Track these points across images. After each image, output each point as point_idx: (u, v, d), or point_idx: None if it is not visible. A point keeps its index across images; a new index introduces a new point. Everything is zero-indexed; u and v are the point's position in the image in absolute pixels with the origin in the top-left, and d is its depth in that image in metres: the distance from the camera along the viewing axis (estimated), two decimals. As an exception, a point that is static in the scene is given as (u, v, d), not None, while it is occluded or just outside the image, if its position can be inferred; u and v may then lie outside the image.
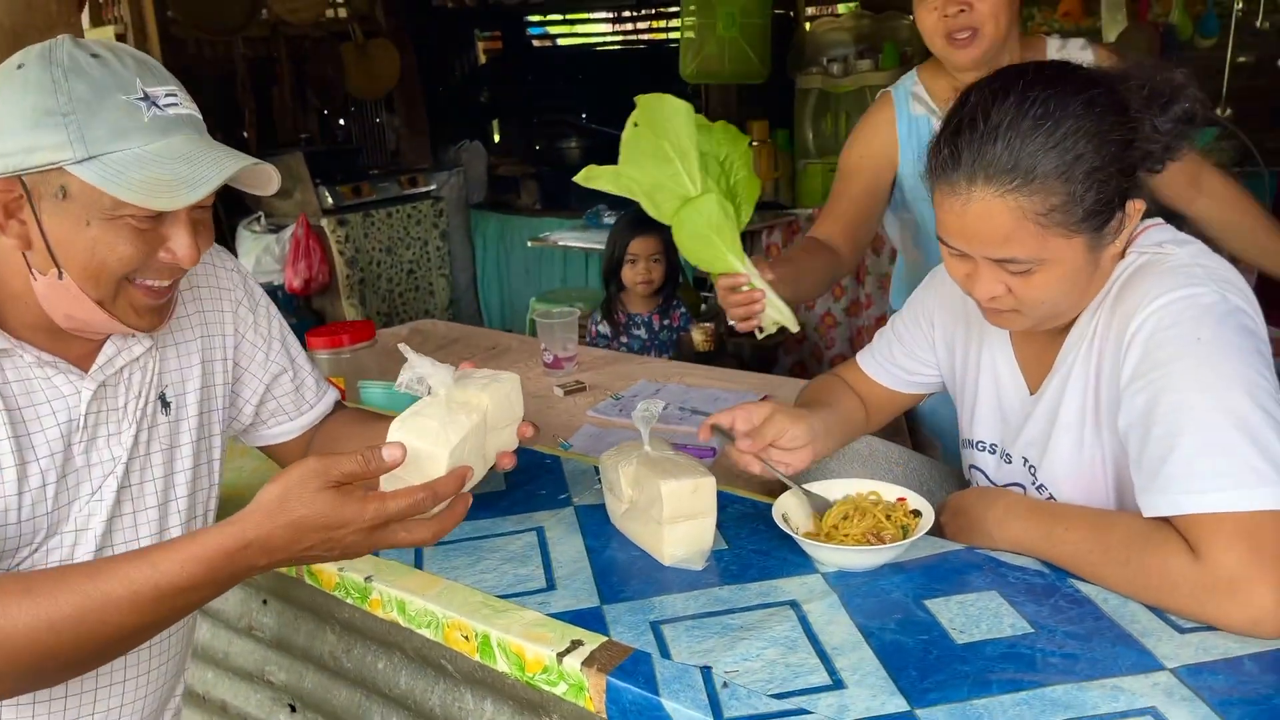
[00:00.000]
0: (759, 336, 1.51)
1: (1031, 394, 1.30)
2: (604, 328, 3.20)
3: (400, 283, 5.26)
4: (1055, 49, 1.81)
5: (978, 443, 1.38)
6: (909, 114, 1.90)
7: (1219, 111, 4.41)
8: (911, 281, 1.98)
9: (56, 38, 1.06)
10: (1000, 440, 1.35)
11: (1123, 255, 1.20)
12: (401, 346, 1.18)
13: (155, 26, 4.70)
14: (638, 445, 1.33)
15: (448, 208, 5.48)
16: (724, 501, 1.36)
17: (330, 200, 4.94)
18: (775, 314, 1.47)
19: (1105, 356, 1.18)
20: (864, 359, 1.55)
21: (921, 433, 2.04)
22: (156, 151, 1.03)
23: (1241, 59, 4.43)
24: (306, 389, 1.42)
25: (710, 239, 1.38)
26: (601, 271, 3.28)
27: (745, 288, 1.46)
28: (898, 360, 1.51)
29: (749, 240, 4.88)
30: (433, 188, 5.41)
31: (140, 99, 1.03)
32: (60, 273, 1.05)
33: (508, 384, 1.20)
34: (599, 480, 1.45)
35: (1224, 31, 4.41)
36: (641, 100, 1.37)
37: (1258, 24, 4.30)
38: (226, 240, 5.11)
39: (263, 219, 5.08)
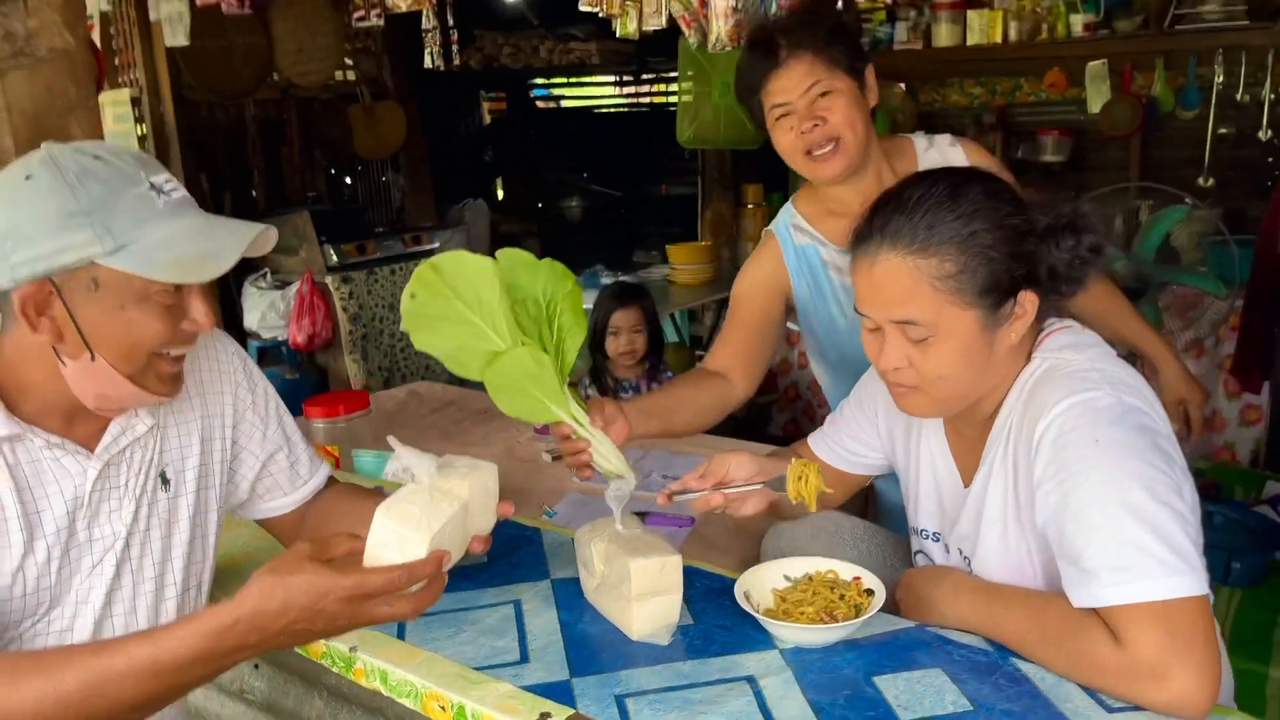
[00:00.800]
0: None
1: (965, 486, 1.38)
2: (593, 392, 3.29)
3: (402, 339, 5.36)
4: (923, 148, 1.85)
5: (922, 530, 1.45)
6: (794, 245, 1.91)
7: (1202, 181, 4.54)
8: (829, 387, 2.07)
9: (48, 146, 1.15)
10: (941, 529, 1.42)
11: (1029, 358, 1.29)
12: (390, 439, 1.27)
13: (170, 90, 4.85)
14: (611, 522, 1.41)
15: (450, 265, 5.59)
16: (693, 577, 1.44)
17: (335, 258, 5.06)
18: (603, 461, 1.43)
19: (1019, 456, 1.26)
20: (814, 441, 1.64)
21: (881, 506, 2.10)
22: (176, 233, 1.14)
23: (1223, 130, 4.55)
24: (301, 466, 1.50)
25: (527, 390, 1.37)
26: (588, 342, 3.37)
27: (574, 435, 1.44)
28: (845, 444, 1.59)
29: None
30: (436, 245, 5.52)
31: (149, 189, 1.14)
32: (93, 356, 1.15)
33: (486, 473, 1.28)
34: (573, 555, 1.52)
35: (1205, 104, 4.54)
36: (434, 263, 1.35)
37: (1238, 97, 4.42)
38: (232, 295, 5.23)
39: (268, 275, 5.20)
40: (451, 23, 3.42)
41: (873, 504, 2.14)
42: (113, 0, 3.84)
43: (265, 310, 5.13)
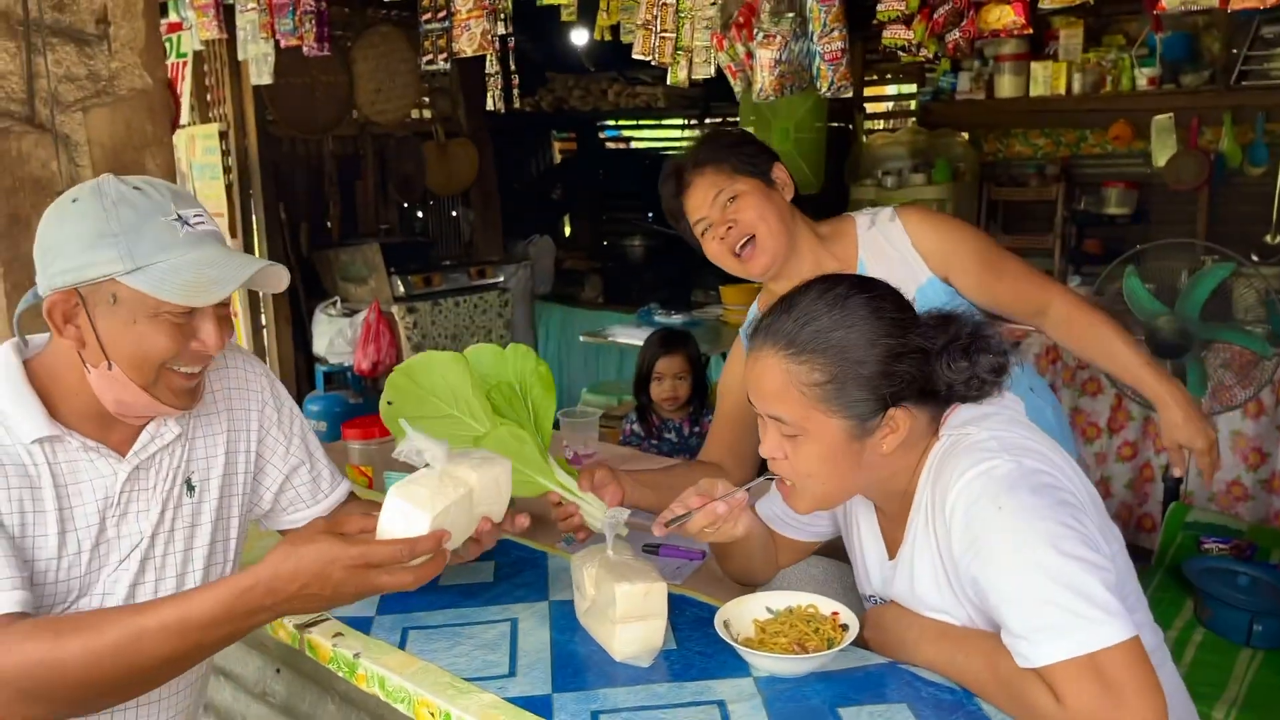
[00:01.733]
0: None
1: (890, 559, 1.42)
2: (638, 428, 3.37)
3: (463, 368, 5.52)
4: (864, 227, 1.89)
5: (870, 596, 1.49)
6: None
7: (1269, 238, 4.46)
8: None
9: (104, 177, 1.30)
10: (884, 595, 1.46)
11: (938, 435, 1.33)
12: (402, 422, 1.37)
13: (255, 125, 5.12)
14: (604, 548, 1.48)
15: (514, 298, 5.75)
16: (684, 605, 1.50)
17: (402, 288, 5.25)
18: (593, 521, 1.54)
19: (938, 529, 1.29)
20: (763, 508, 1.64)
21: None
22: (191, 261, 1.26)
23: (1291, 187, 4.47)
24: (322, 480, 1.61)
25: (513, 466, 1.44)
26: (633, 384, 3.46)
27: (563, 501, 1.57)
28: (790, 514, 1.60)
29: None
30: (500, 279, 5.69)
31: (175, 220, 1.27)
32: (110, 364, 1.28)
33: (498, 467, 1.37)
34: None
35: (1273, 159, 4.47)
36: (404, 368, 1.50)
37: (1308, 153, 4.35)
38: (304, 321, 5.45)
39: (339, 303, 5.41)
40: (513, 67, 3.57)
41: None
42: (206, 41, 4.07)
43: (334, 337, 5.33)
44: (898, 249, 1.88)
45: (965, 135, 5.34)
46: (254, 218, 5.24)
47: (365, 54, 5.50)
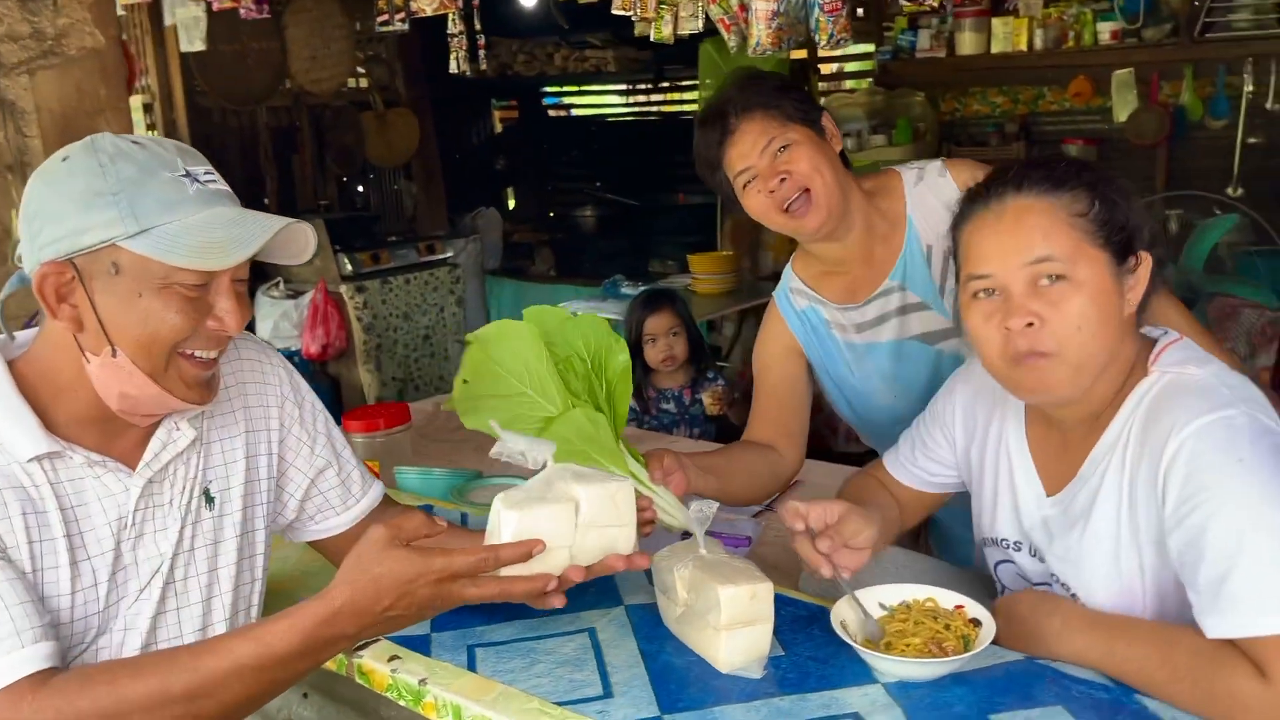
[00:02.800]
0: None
1: (1048, 495, 1.31)
2: (632, 403, 3.20)
3: (416, 348, 5.28)
4: (911, 183, 1.77)
5: (1001, 540, 1.38)
6: (795, 310, 1.86)
7: (1230, 191, 4.48)
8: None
9: (97, 135, 1.11)
10: (1023, 538, 1.35)
11: (1146, 372, 1.22)
12: (492, 423, 1.23)
13: (183, 96, 4.79)
14: (692, 546, 1.33)
15: (464, 274, 5.52)
16: (777, 604, 1.35)
17: (349, 267, 4.98)
18: (665, 517, 1.38)
19: (1140, 474, 1.18)
20: (890, 461, 1.57)
21: (937, 537, 2.02)
22: (204, 220, 1.07)
23: (1252, 140, 4.50)
24: (353, 483, 1.42)
25: (585, 452, 1.34)
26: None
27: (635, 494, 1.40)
28: (919, 463, 1.52)
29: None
30: (450, 254, 5.45)
31: (183, 175, 1.09)
32: (114, 350, 1.09)
33: (613, 486, 1.20)
34: (648, 579, 1.44)
35: (1234, 113, 4.49)
36: (479, 337, 1.34)
37: (1268, 105, 4.36)
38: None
39: (281, 284, 5.12)
40: (478, 27, 3.35)
41: (924, 536, 2.05)
42: (127, 6, 3.76)
43: (278, 320, 5.04)
44: (950, 206, 1.75)
45: (923, 95, 5.26)
46: (185, 196, 4.92)
47: (298, 19, 5.17)
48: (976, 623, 1.24)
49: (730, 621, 1.21)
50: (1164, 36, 4.48)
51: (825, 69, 5.82)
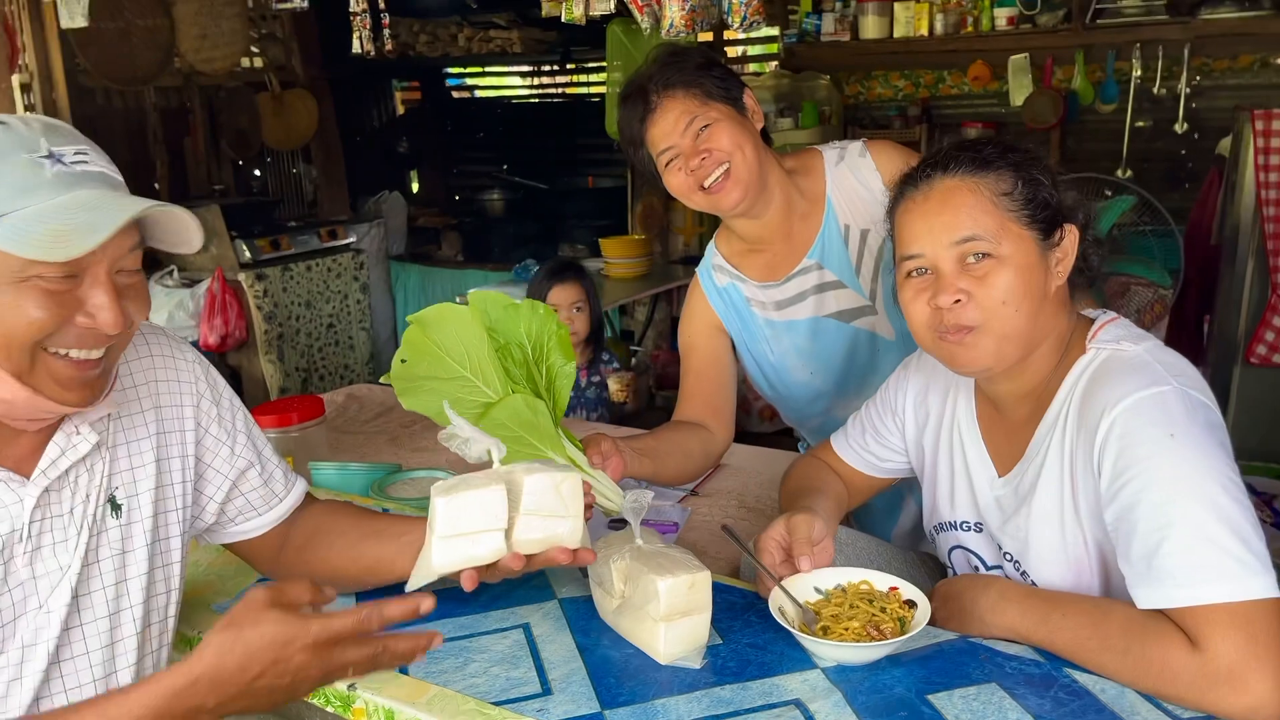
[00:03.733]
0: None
1: (1000, 476, 1.33)
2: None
3: (320, 337, 5.14)
4: (832, 162, 1.79)
5: (961, 523, 1.39)
6: (717, 287, 1.87)
7: (1120, 172, 4.65)
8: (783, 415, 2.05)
9: None
10: (981, 519, 1.37)
11: (1084, 350, 1.25)
12: (446, 407, 1.22)
13: (63, 75, 4.52)
14: (627, 536, 1.31)
15: (368, 260, 5.38)
16: (713, 592, 1.34)
17: (248, 254, 4.80)
18: (603, 501, 1.37)
19: (1078, 449, 1.21)
20: (839, 443, 1.57)
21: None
22: (60, 205, 0.98)
23: (1140, 123, 4.67)
24: (275, 482, 1.36)
25: (522, 438, 1.32)
26: None
27: None
28: (870, 447, 1.53)
29: (676, 295, 4.92)
30: (352, 240, 5.30)
31: (44, 156, 0.99)
32: None
33: (559, 476, 1.18)
34: (581, 572, 1.42)
35: (1123, 97, 4.65)
36: (420, 318, 1.32)
37: (1154, 90, 4.53)
38: (136, 295, 4.92)
39: (175, 273, 4.91)
40: (382, 5, 3.26)
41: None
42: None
43: (173, 310, 4.84)
44: (868, 187, 1.77)
45: (827, 79, 5.32)
46: (69, 181, 4.67)
47: (186, -5, 4.94)
48: (911, 604, 1.25)
49: (669, 612, 1.20)
50: (1057, 22, 4.61)
51: (731, 52, 5.83)
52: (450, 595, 1.39)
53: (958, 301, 1.23)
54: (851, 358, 1.84)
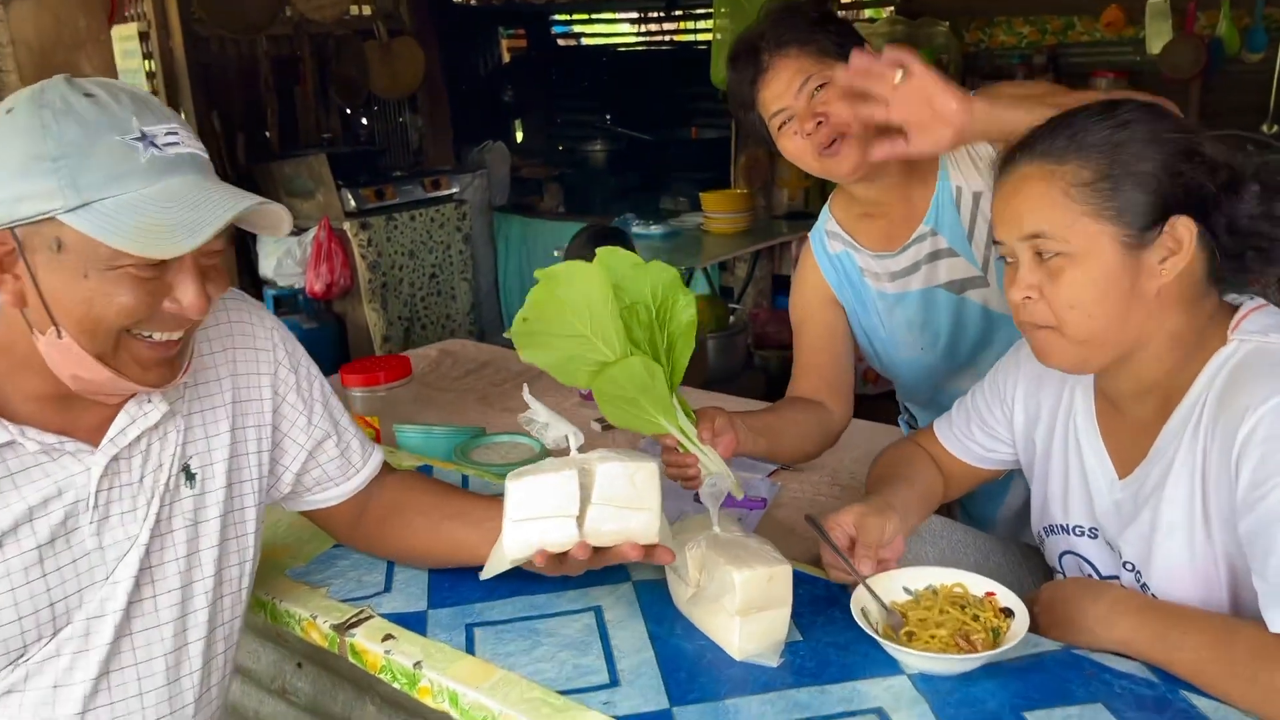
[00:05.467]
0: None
1: (1120, 478, 1.22)
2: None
3: (422, 287, 5.18)
4: None
5: (1074, 527, 1.28)
6: (829, 255, 1.77)
7: (1266, 128, 4.30)
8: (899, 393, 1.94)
9: (51, 79, 0.99)
10: (1097, 524, 1.26)
11: (1225, 340, 1.11)
12: (525, 393, 1.23)
13: (179, 24, 4.61)
14: (705, 522, 1.25)
15: (471, 210, 5.39)
16: (794, 583, 1.27)
17: (353, 203, 4.86)
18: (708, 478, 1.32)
19: (1212, 454, 1.09)
20: (941, 430, 1.47)
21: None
22: (154, 195, 0.96)
23: (1290, 74, 4.31)
24: (352, 453, 1.34)
25: (636, 401, 1.28)
26: None
27: (681, 449, 1.33)
28: (975, 436, 1.43)
29: (779, 252, 4.79)
30: (456, 190, 5.32)
31: (136, 139, 0.96)
32: (59, 331, 0.98)
33: (633, 466, 1.13)
34: (659, 553, 1.36)
35: (1272, 45, 4.29)
36: (549, 274, 1.27)
37: (1308, 38, 4.17)
38: (247, 242, 5.04)
39: (284, 221, 5.00)
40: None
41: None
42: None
43: (281, 257, 4.95)
44: (977, 147, 1.64)
45: (946, 25, 5.06)
46: (184, 129, 4.78)
47: (298, -57, 4.97)
48: (1008, 613, 1.15)
49: (745, 606, 1.14)
50: (1202, -36, 4.27)
51: (845, -3, 5.60)
52: (521, 572, 1.35)
53: (1028, 298, 1.13)
54: (962, 332, 1.73)
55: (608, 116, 6.28)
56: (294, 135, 5.31)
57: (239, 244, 5.03)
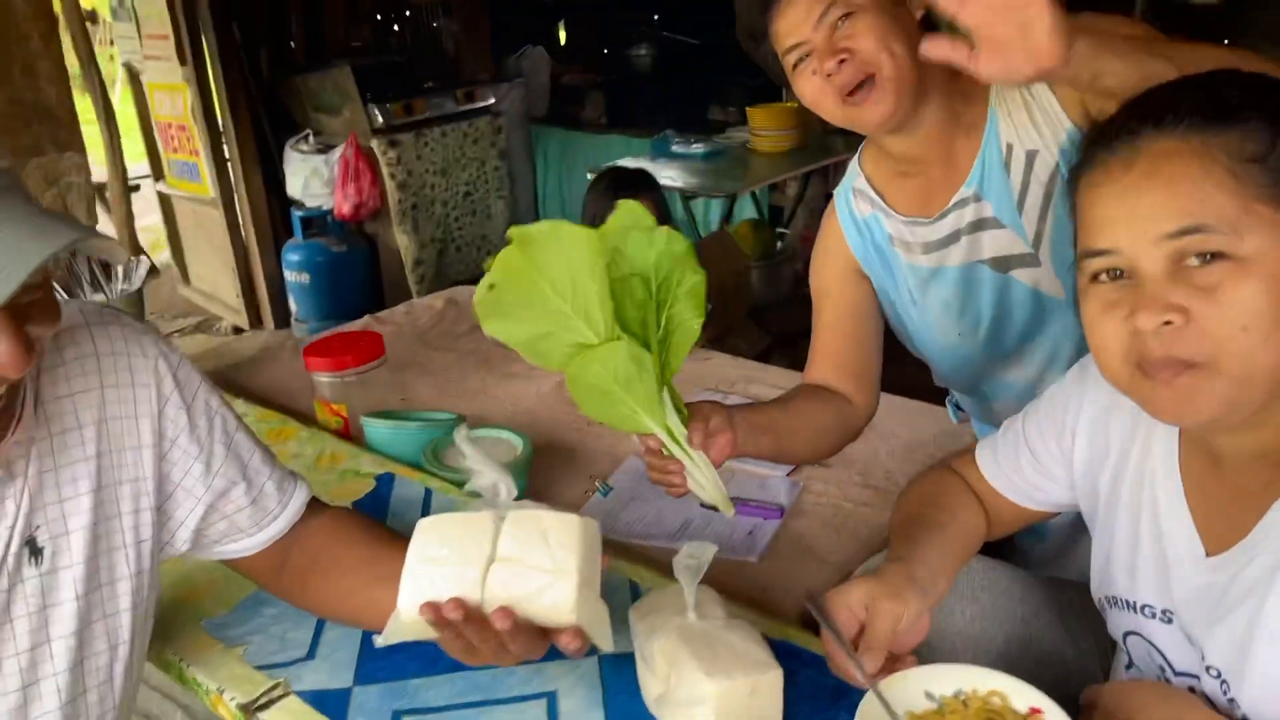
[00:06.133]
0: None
1: (1208, 555, 0.95)
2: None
3: (456, 206, 4.94)
4: None
5: (1143, 607, 1.02)
6: (855, 218, 1.49)
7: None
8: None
9: None
10: (1174, 609, 0.99)
11: None
12: (462, 439, 1.04)
13: (192, -72, 4.34)
14: (678, 602, 1.01)
15: (507, 124, 5.09)
16: (791, 662, 1.03)
17: (380, 119, 4.59)
18: (699, 490, 1.14)
19: None
20: (984, 459, 1.20)
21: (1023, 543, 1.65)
22: None
23: None
24: (267, 498, 1.11)
25: (616, 394, 1.08)
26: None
27: (665, 451, 1.14)
28: (1024, 472, 1.15)
29: (834, 171, 4.42)
30: (491, 101, 5.01)
31: None
32: None
33: (553, 520, 0.92)
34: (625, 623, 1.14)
35: None
36: (525, 234, 1.05)
37: None
38: (274, 160, 4.82)
39: (310, 138, 4.77)
40: None
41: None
42: None
43: (308, 177, 4.73)
44: (1036, 95, 1.32)
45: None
46: (204, 40, 4.53)
47: None
48: (1059, 737, 0.90)
49: (721, 722, 0.91)
50: None
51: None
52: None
53: (1169, 324, 0.83)
54: (1007, 318, 1.44)
55: (655, 17, 5.86)
56: (320, 45, 5.02)
57: (264, 159, 4.81)
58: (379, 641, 0.94)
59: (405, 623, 0.92)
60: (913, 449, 1.77)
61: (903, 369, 1.75)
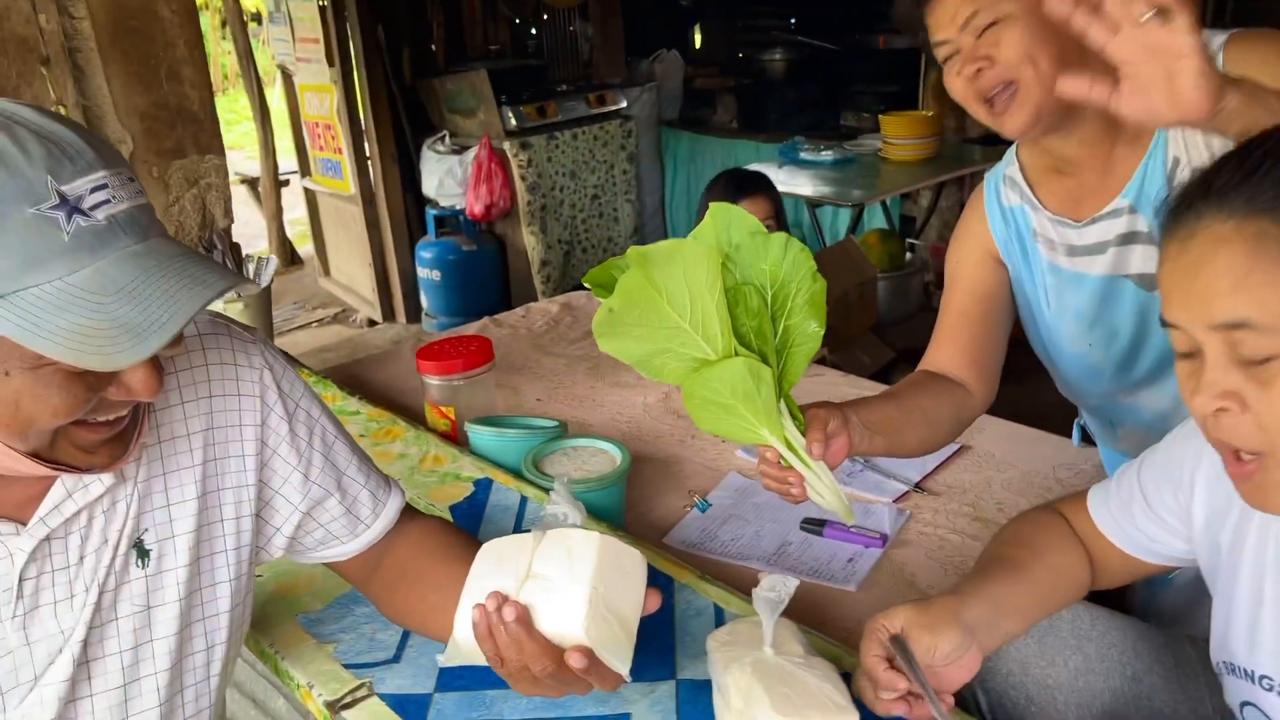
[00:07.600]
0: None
1: None
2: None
3: (584, 209, 4.99)
4: None
5: (1262, 678, 0.94)
6: (1002, 205, 1.43)
7: None
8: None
9: None
10: None
11: None
12: (557, 489, 1.03)
13: (342, -64, 4.51)
14: (756, 635, 0.99)
15: (637, 127, 5.12)
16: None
17: (514, 121, 4.69)
18: (817, 499, 1.10)
19: None
20: (1096, 504, 1.13)
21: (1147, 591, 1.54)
22: (84, 284, 0.74)
23: None
24: (361, 507, 1.13)
25: (734, 409, 1.06)
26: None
27: (784, 462, 1.11)
28: (1138, 521, 1.08)
29: (970, 181, 4.27)
30: (623, 105, 5.05)
31: (55, 206, 0.74)
32: None
33: (578, 538, 0.92)
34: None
35: None
36: (638, 260, 1.02)
37: None
38: (411, 158, 4.97)
39: (446, 139, 4.90)
40: None
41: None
42: None
43: (443, 176, 4.86)
44: None
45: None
46: (350, 44, 4.71)
47: None
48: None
49: (793, 767, 0.88)
50: None
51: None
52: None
53: (1223, 410, 0.78)
54: (1146, 339, 1.36)
55: (791, 21, 5.79)
56: (460, 48, 5.16)
57: (402, 158, 4.97)
58: (441, 661, 0.95)
59: (462, 646, 0.92)
60: (1029, 480, 1.69)
61: (1023, 389, 1.66)
